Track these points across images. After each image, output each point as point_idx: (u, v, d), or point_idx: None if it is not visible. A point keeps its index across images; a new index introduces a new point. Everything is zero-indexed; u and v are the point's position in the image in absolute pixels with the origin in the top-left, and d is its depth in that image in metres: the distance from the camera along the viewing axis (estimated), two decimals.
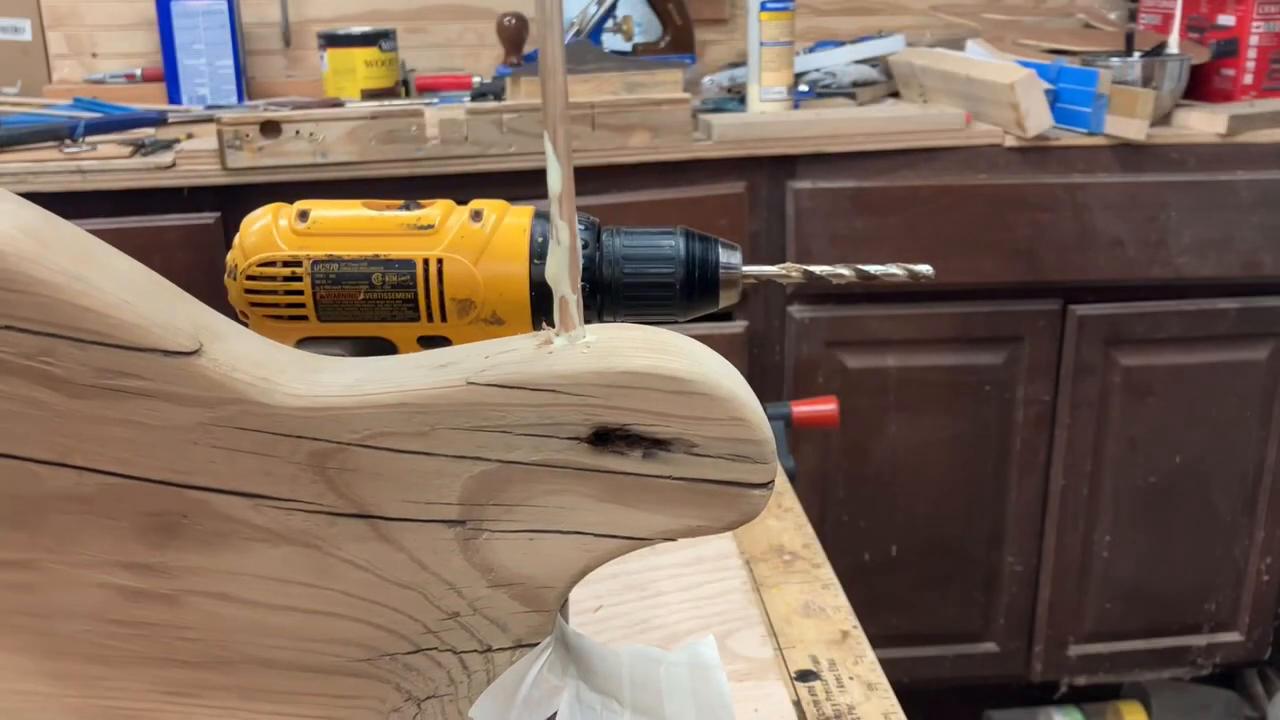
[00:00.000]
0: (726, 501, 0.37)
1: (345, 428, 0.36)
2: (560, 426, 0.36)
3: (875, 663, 0.63)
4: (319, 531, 0.37)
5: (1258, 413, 1.63)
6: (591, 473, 0.36)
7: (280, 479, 0.36)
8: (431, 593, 0.38)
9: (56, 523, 0.36)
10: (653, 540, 0.38)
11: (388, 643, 0.38)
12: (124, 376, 0.34)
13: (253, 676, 0.38)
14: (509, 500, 0.37)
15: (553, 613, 0.39)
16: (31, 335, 0.34)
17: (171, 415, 0.35)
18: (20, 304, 0.33)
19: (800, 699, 0.59)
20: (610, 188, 1.44)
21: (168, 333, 0.34)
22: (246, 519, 0.37)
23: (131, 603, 0.37)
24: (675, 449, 0.36)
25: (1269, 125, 1.54)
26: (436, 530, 0.37)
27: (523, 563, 0.38)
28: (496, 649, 0.39)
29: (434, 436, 0.36)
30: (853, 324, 1.55)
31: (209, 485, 0.36)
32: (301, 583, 0.37)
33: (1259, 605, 1.73)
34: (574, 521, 0.37)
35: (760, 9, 1.54)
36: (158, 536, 0.36)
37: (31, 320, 0.33)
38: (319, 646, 0.38)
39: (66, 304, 0.33)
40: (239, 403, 0.35)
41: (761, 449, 0.37)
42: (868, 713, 0.58)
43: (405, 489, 0.37)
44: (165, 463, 0.36)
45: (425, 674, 0.39)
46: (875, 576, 1.67)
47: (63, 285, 0.33)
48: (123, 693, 0.38)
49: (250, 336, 0.38)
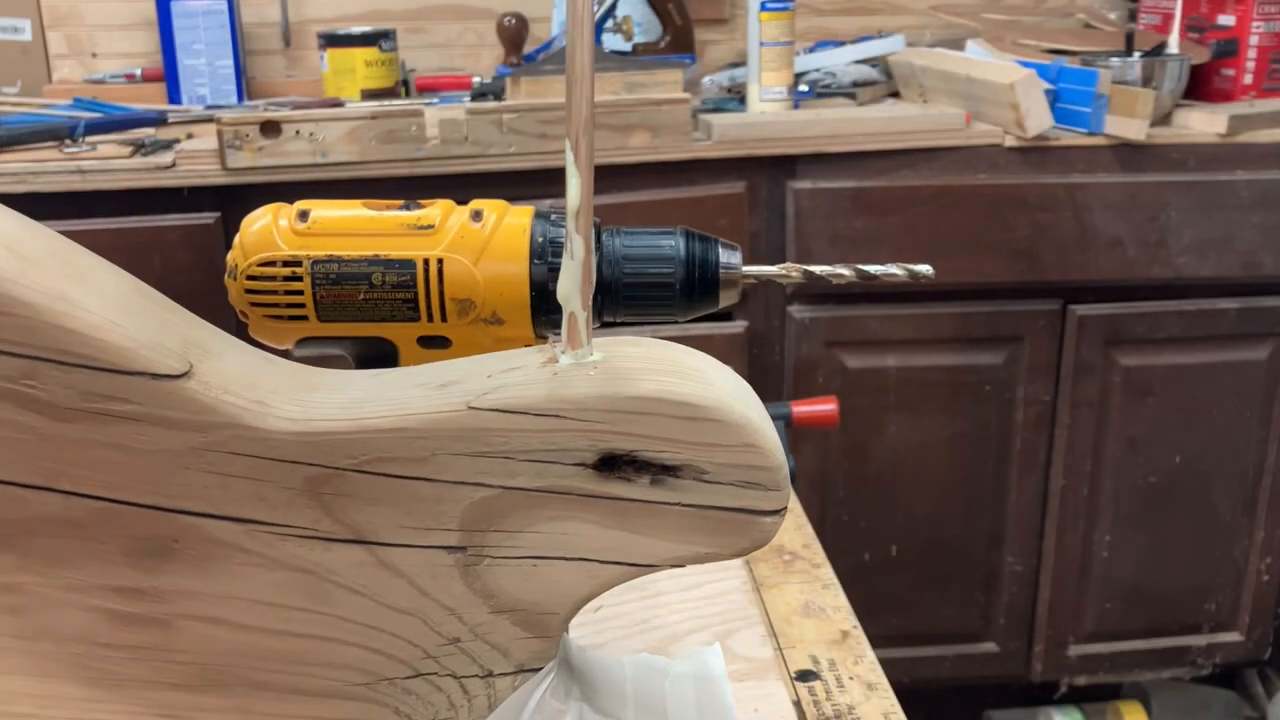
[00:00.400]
0: (737, 529, 0.36)
1: (341, 453, 0.35)
2: (565, 452, 0.35)
3: (875, 663, 0.63)
4: (314, 557, 0.36)
5: (1258, 413, 1.63)
6: (597, 499, 0.35)
7: (274, 504, 0.35)
8: (431, 618, 0.37)
9: (45, 546, 0.35)
10: (660, 567, 0.37)
11: (386, 667, 0.37)
12: (111, 400, 0.33)
13: (247, 700, 0.37)
14: (511, 527, 0.36)
15: (556, 638, 0.38)
16: (13, 358, 0.32)
17: (161, 440, 0.34)
18: (2, 326, 0.32)
19: (800, 699, 0.59)
20: (610, 188, 1.43)
21: (156, 354, 0.33)
22: (239, 544, 0.35)
23: (123, 626, 0.36)
24: (685, 475, 0.35)
25: (1269, 125, 1.54)
26: (436, 556, 0.36)
27: (525, 589, 0.37)
28: (498, 674, 0.38)
29: (433, 462, 0.35)
30: (853, 324, 1.55)
31: (201, 510, 0.35)
32: (297, 607, 0.36)
33: (1259, 605, 1.73)
34: (578, 548, 0.36)
35: (760, 9, 1.54)
36: (149, 561, 0.35)
37: (12, 342, 0.32)
38: (315, 670, 0.37)
39: (49, 325, 0.32)
40: (231, 427, 0.34)
41: (774, 476, 0.35)
42: (868, 713, 0.58)
43: (404, 515, 0.36)
44: (155, 487, 0.35)
45: (425, 698, 0.38)
46: (875, 576, 1.67)
47: (45, 306, 0.32)
48: (115, 716, 0.37)
49: (243, 352, 0.37)
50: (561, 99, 1.48)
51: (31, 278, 0.32)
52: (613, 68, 1.52)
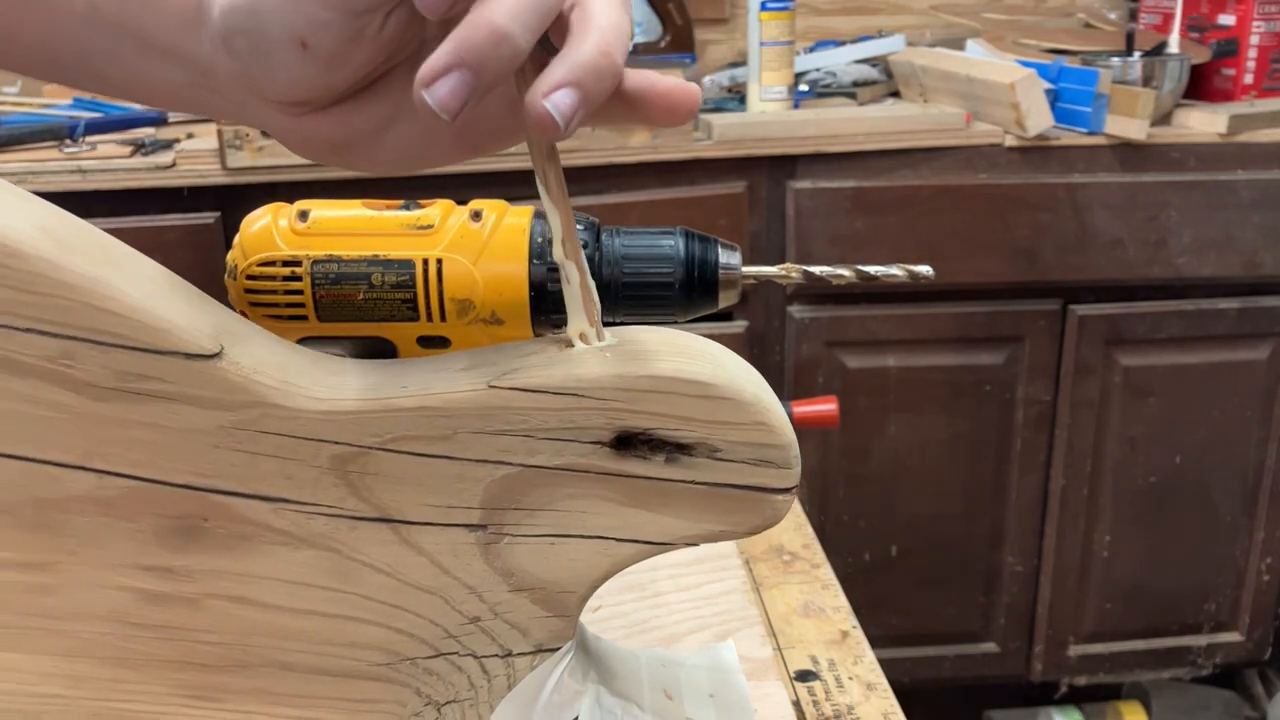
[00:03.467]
0: (749, 506, 0.37)
1: (367, 431, 0.36)
2: (583, 431, 0.36)
3: (875, 663, 0.63)
4: (339, 535, 0.37)
5: (1258, 413, 1.63)
6: (614, 477, 0.36)
7: (301, 482, 0.36)
8: (452, 597, 0.38)
9: (77, 525, 0.35)
10: (675, 545, 0.37)
11: (408, 647, 0.38)
12: (145, 380, 0.34)
13: (272, 680, 0.38)
14: (531, 504, 0.37)
15: (574, 618, 0.39)
16: (52, 338, 0.33)
17: (193, 418, 0.35)
18: (41, 306, 0.33)
19: (800, 699, 0.59)
20: (610, 188, 1.44)
21: (189, 335, 0.34)
22: (267, 522, 0.36)
23: (152, 605, 0.37)
24: (698, 454, 0.36)
25: (1269, 125, 1.54)
26: (458, 534, 0.37)
27: (544, 567, 0.37)
28: (517, 654, 0.38)
29: (456, 440, 0.36)
30: (853, 324, 1.55)
31: (230, 489, 0.36)
32: (322, 586, 0.37)
33: (1259, 605, 1.73)
34: (596, 526, 0.37)
35: (760, 9, 1.54)
36: (178, 540, 0.36)
37: (52, 323, 0.33)
38: (339, 650, 0.38)
39: (88, 306, 0.33)
40: (260, 406, 0.35)
41: (785, 454, 0.36)
42: (867, 713, 0.58)
43: (427, 493, 0.37)
44: (186, 466, 0.35)
45: (445, 678, 0.39)
46: (875, 576, 1.67)
47: (84, 288, 0.33)
48: (142, 695, 0.38)
49: (271, 339, 0.37)
50: None
51: (70, 261, 0.33)
52: None
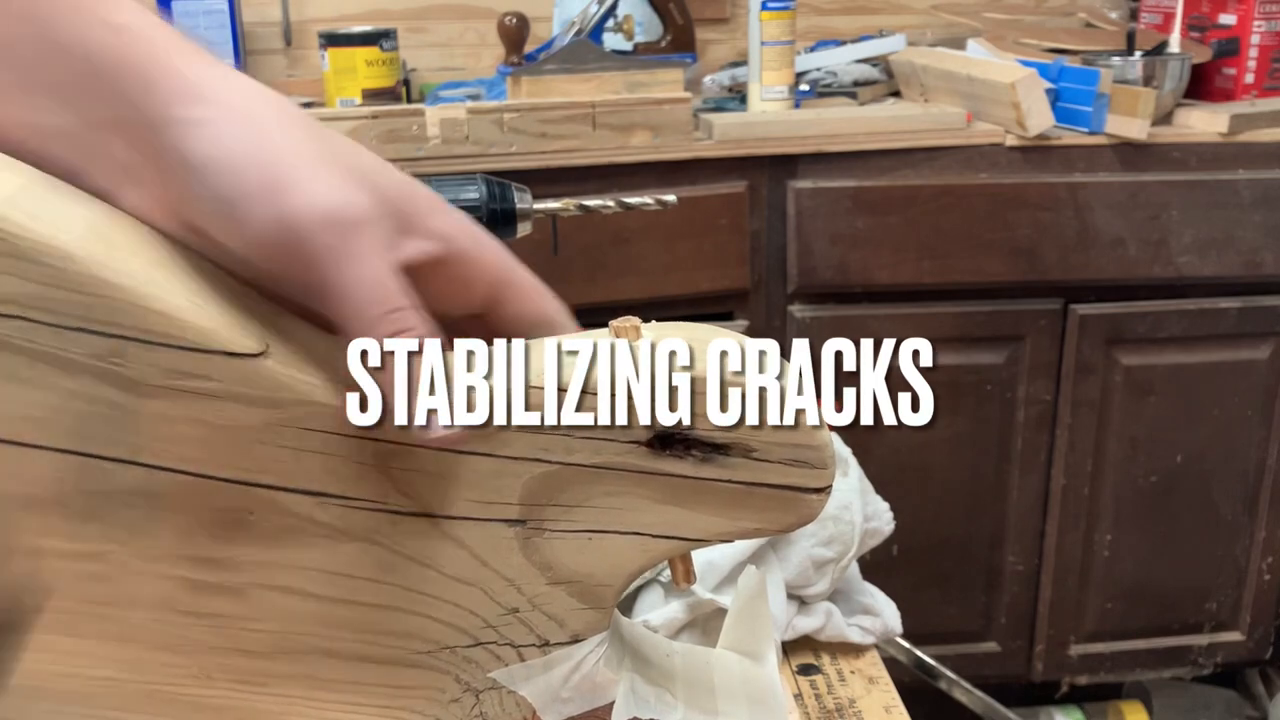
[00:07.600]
0: (783, 505, 0.37)
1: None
2: (621, 430, 0.36)
3: (876, 657, 0.63)
4: (382, 529, 0.37)
5: (1259, 412, 1.63)
6: (650, 475, 0.37)
7: (345, 478, 0.37)
8: (492, 589, 0.38)
9: (127, 517, 0.36)
10: (710, 541, 0.38)
11: (448, 636, 0.39)
12: (192, 378, 0.35)
13: (316, 666, 0.39)
14: (568, 501, 0.37)
15: (609, 610, 0.39)
16: (102, 337, 0.34)
17: (238, 415, 0.35)
18: (91, 306, 0.33)
19: (802, 692, 0.59)
20: (611, 187, 1.44)
21: (234, 334, 0.35)
22: (311, 516, 0.37)
23: (199, 594, 0.37)
24: (734, 453, 0.36)
25: (1270, 124, 1.54)
26: (497, 529, 0.38)
27: (581, 561, 0.38)
28: (554, 644, 0.39)
29: (496, 438, 0.36)
30: (853, 324, 1.55)
31: (275, 484, 0.36)
32: (364, 577, 0.38)
33: (1260, 605, 1.73)
34: (632, 522, 0.38)
35: (761, 8, 1.54)
36: (225, 532, 0.37)
37: (102, 322, 0.34)
38: (381, 639, 0.39)
39: (136, 306, 0.34)
40: (304, 404, 0.36)
41: (820, 454, 0.37)
42: (868, 706, 0.58)
43: (467, 489, 0.37)
44: (232, 461, 0.36)
45: (484, 666, 0.39)
46: (875, 576, 1.66)
47: (132, 288, 0.34)
48: (191, 680, 0.38)
49: (316, 334, 0.38)
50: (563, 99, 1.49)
51: (120, 262, 0.34)
52: (614, 67, 1.53)
